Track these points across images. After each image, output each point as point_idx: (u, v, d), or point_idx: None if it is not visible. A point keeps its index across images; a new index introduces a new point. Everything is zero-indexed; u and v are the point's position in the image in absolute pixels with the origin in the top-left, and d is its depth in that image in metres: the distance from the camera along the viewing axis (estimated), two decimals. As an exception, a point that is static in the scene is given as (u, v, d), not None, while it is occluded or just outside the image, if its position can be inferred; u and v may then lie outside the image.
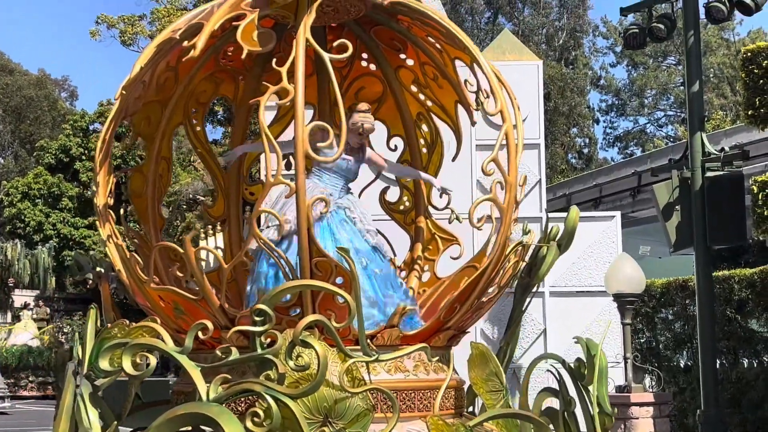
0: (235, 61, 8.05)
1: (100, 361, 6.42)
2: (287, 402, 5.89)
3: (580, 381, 7.04)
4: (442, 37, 7.57)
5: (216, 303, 6.69)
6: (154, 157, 7.81)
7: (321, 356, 5.90)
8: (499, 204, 6.93)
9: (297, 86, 6.47)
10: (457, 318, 7.11)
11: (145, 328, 6.49)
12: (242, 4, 6.93)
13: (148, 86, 7.40)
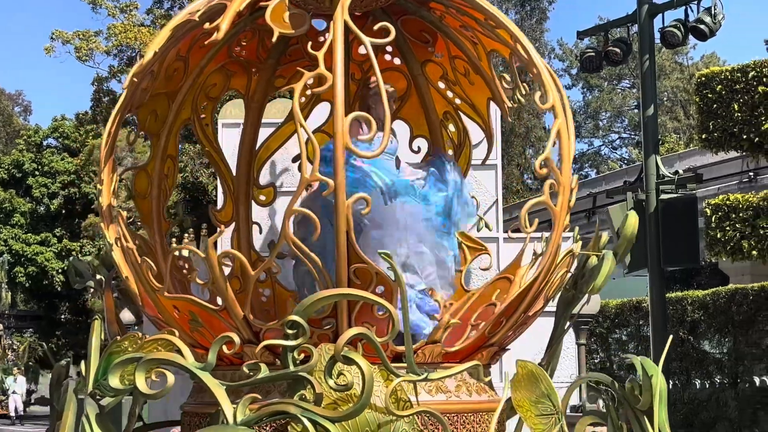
0: (249, 51, 7.42)
1: (110, 378, 5.75)
2: (327, 426, 5.24)
3: (634, 405, 6.38)
4: (479, 27, 6.95)
5: (240, 314, 6.01)
6: (159, 154, 7.12)
7: (366, 375, 5.27)
8: (552, 208, 6.27)
9: (335, 72, 5.84)
10: (502, 333, 6.48)
11: (160, 341, 5.81)
12: (275, -19, 6.30)
13: (156, 77, 6.77)
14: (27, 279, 59.58)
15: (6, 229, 60.47)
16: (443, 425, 5.55)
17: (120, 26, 56.90)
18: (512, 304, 6.40)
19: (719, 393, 20.00)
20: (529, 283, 6.40)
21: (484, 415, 6.32)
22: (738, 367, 19.67)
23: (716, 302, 18.33)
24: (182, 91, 7.11)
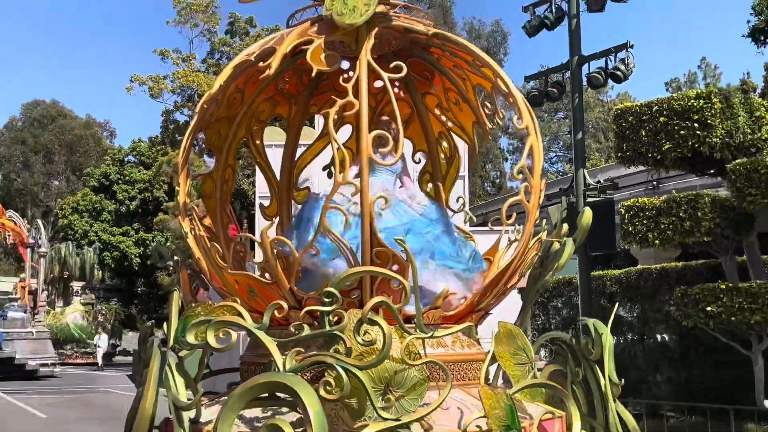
0: (290, 85, 7.31)
1: (187, 335, 5.59)
2: (357, 373, 5.09)
3: (588, 356, 6.23)
4: (467, 66, 6.84)
5: (286, 286, 5.88)
6: (222, 164, 6.99)
7: (387, 333, 5.12)
8: (526, 204, 6.13)
9: (361, 99, 5.73)
10: (487, 301, 6.35)
11: (225, 307, 5.67)
12: (309, 31, 6.17)
13: (219, 104, 6.64)
14: (112, 261, 59.73)
15: (97, 224, 60.68)
16: (444, 371, 5.39)
17: (182, 72, 57.17)
18: (495, 278, 6.27)
19: (630, 347, 19.99)
20: (508, 263, 6.28)
21: (473, 364, 6.19)
22: (644, 328, 19.67)
23: (628, 279, 18.38)
24: (239, 115, 7.00)
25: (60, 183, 74.84)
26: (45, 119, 75.74)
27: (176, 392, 5.55)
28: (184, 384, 5.64)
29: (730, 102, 12.97)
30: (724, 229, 12.42)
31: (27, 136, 74.88)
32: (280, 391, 5.19)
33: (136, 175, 62.14)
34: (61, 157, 75.37)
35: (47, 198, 72.73)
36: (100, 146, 75.08)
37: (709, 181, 15.58)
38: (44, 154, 74.80)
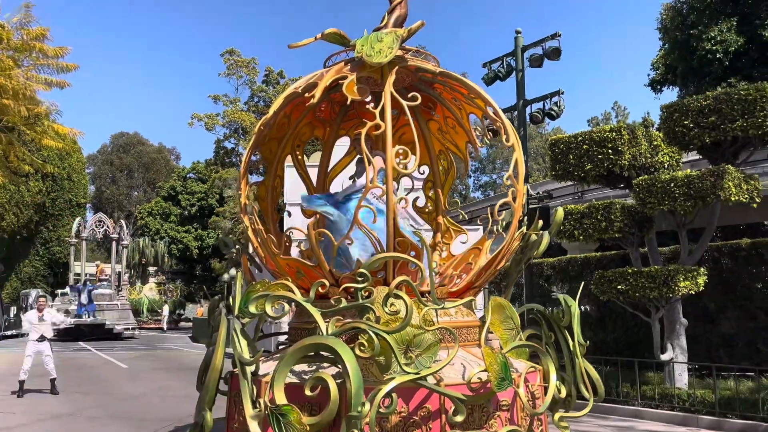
0: (325, 113, 6.97)
1: (249, 306, 5.24)
2: (385, 336, 4.76)
3: (559, 323, 5.89)
4: (463, 98, 6.52)
5: (327, 268, 5.55)
6: (272, 175, 6.63)
7: (409, 305, 4.79)
8: (513, 204, 5.78)
9: (386, 121, 5.40)
10: (482, 281, 5.99)
11: (280, 284, 5.33)
12: (343, 69, 5.86)
13: (271, 127, 6.31)
14: (177, 251, 59.17)
15: (166, 224, 60.19)
16: (453, 335, 5.07)
17: (229, 111, 56.71)
18: (490, 262, 5.92)
19: (560, 317, 19.86)
20: (498, 251, 5.92)
21: (471, 329, 5.84)
22: (571, 301, 19.46)
23: (560, 265, 17.97)
24: (286, 137, 6.66)
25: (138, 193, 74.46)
26: (128, 146, 75.42)
27: (241, 351, 5.22)
28: (246, 345, 5.31)
29: (635, 134, 13.09)
30: (630, 228, 12.42)
31: (114, 158, 74.63)
32: (323, 351, 4.87)
33: (195, 188, 61.61)
34: (140, 174, 75.03)
35: (129, 205, 72.32)
36: (169, 166, 74.61)
37: (620, 193, 15.36)
38: (127, 172, 74.41)
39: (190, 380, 14.99)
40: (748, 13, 24.08)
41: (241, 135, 57.78)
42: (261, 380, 5.30)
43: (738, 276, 14.89)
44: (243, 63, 57.71)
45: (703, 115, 11.92)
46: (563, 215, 5.91)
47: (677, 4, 25.14)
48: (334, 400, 4.68)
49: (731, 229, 21.29)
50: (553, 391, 5.43)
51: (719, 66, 24.91)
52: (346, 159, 7.37)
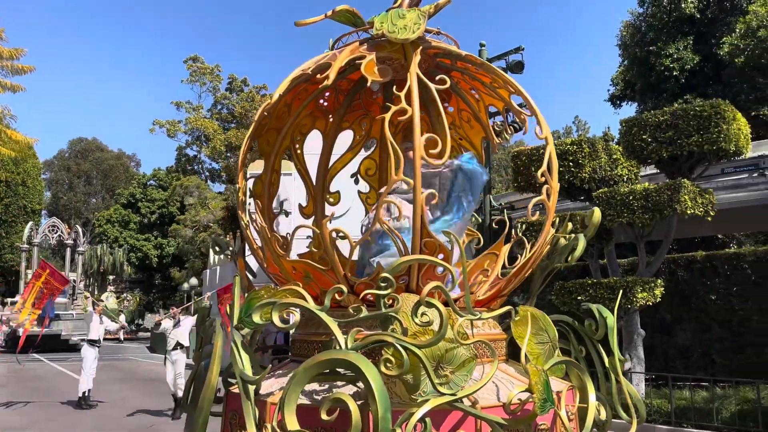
0: (329, 103, 6.26)
1: (253, 315, 4.50)
2: (416, 351, 4.06)
3: (592, 336, 5.27)
4: (483, 88, 5.87)
5: (341, 272, 4.83)
6: (270, 169, 5.90)
7: (444, 315, 4.11)
8: (547, 203, 5.16)
9: (413, 105, 4.70)
10: (510, 288, 5.33)
11: (288, 290, 4.60)
12: (360, 48, 5.16)
13: (270, 116, 5.59)
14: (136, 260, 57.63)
15: (125, 232, 58.79)
16: (491, 350, 4.43)
17: (192, 118, 55.91)
18: (520, 268, 5.28)
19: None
20: (529, 256, 5.28)
21: (499, 342, 5.18)
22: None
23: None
24: (286, 127, 5.92)
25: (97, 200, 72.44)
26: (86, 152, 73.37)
27: (242, 367, 4.48)
28: (249, 360, 4.56)
29: (595, 148, 13.39)
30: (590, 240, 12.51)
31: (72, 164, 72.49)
32: (342, 368, 4.17)
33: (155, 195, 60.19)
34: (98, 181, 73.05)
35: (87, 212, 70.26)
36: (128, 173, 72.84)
37: (580, 205, 15.24)
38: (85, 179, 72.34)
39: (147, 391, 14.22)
40: (704, 32, 24.68)
41: (203, 142, 56.63)
42: (266, 401, 4.56)
43: (693, 288, 15.21)
44: (206, 70, 56.80)
45: (660, 130, 12.21)
46: (600, 216, 5.26)
47: (636, 21, 25.63)
48: (356, 426, 3.98)
49: (687, 241, 21.48)
50: (593, 413, 4.79)
51: (676, 83, 25.29)
52: (349, 155, 6.68)
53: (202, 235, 51.79)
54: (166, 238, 58.32)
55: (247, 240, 5.47)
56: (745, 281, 14.91)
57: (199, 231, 53.27)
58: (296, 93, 5.75)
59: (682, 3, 25.18)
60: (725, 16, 24.83)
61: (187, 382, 5.61)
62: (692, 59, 24.73)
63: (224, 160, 54.62)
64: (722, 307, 14.99)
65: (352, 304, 4.63)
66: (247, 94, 54.14)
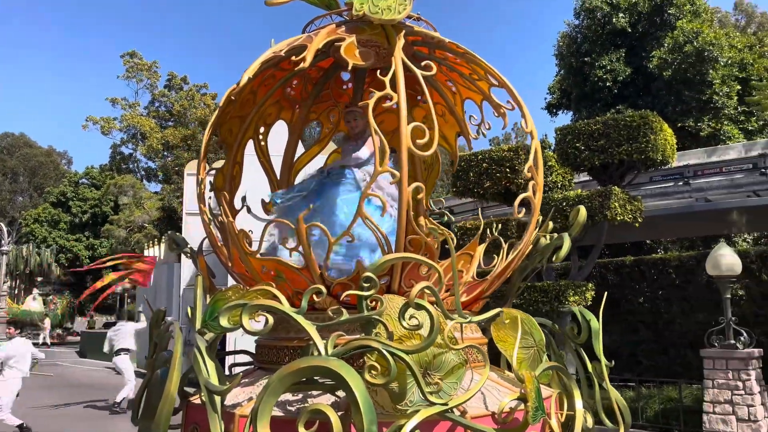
0: (296, 92, 5.85)
1: (220, 319, 4.07)
2: (404, 357, 3.71)
3: (574, 339, 5.03)
4: (461, 79, 5.56)
5: (317, 271, 4.41)
6: (231, 161, 5.47)
7: (435, 318, 3.77)
8: (533, 199, 4.89)
9: (399, 91, 4.41)
10: (492, 289, 5.03)
11: (260, 291, 4.17)
12: (338, 30, 4.78)
13: (235, 103, 5.16)
14: (66, 261, 55.42)
15: (55, 232, 56.37)
16: (484, 356, 4.13)
17: (128, 115, 54.31)
18: (503, 270, 4.98)
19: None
20: (514, 256, 4.99)
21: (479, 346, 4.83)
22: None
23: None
24: (250, 116, 5.49)
25: (24, 199, 69.33)
26: (13, 148, 70.08)
27: (207, 376, 4.04)
28: (214, 368, 4.12)
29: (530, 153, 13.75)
30: None
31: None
32: (322, 376, 3.78)
33: (88, 194, 58.04)
34: (26, 179, 69.90)
35: (13, 210, 67.15)
36: (59, 170, 69.88)
37: None
38: (11, 176, 69.13)
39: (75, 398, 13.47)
40: (635, 45, 25.66)
41: (139, 140, 54.95)
42: (234, 413, 4.13)
43: (622, 291, 15.71)
44: (144, 66, 55.16)
45: (593, 138, 12.62)
46: (586, 215, 5.02)
47: (573, 33, 26.34)
48: (338, 440, 3.60)
49: (617, 246, 21.95)
50: (581, 421, 4.53)
51: (609, 93, 25.99)
52: (316, 148, 6.28)
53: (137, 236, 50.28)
54: (98, 238, 56.32)
55: (209, 237, 5.01)
56: (670, 285, 15.44)
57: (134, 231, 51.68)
58: (263, 79, 5.34)
59: (614, 17, 25.84)
60: (655, 31, 25.61)
61: (138, 392, 5.12)
62: (624, 71, 25.47)
63: (161, 159, 53.08)
64: (648, 309, 15.54)
65: (328, 306, 4.26)
66: (186, 93, 52.79)
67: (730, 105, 23.27)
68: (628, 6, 25.51)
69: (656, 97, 24.44)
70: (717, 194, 16.57)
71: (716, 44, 22.66)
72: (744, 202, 15.28)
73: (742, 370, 7.99)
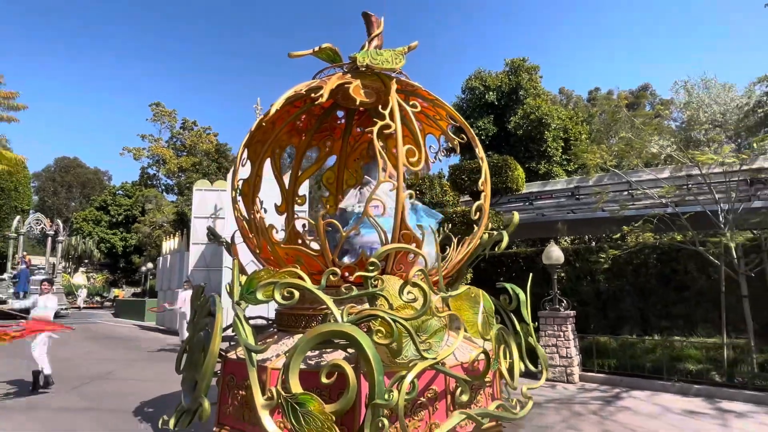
0: (304, 124, 5.26)
1: (257, 293, 3.47)
2: (402, 322, 3.22)
3: (506, 308, 4.63)
4: (424, 118, 5.12)
5: (330, 257, 3.84)
6: (254, 174, 4.81)
7: (427, 293, 3.29)
8: (485, 206, 4.46)
9: (396, 121, 3.87)
10: (454, 271, 4.56)
11: (288, 272, 3.58)
12: (345, 76, 4.22)
13: (261, 129, 4.54)
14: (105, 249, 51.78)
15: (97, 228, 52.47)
16: (459, 321, 3.65)
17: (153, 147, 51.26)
18: (464, 257, 4.52)
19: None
20: (474, 246, 4.55)
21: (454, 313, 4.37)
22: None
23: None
24: (269, 140, 4.87)
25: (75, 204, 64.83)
26: (69, 167, 65.50)
27: (246, 338, 3.42)
28: (251, 331, 3.51)
29: (432, 182, 15.37)
30: None
31: (56, 176, 64.61)
32: (339, 338, 3.24)
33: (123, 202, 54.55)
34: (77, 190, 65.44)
35: (67, 212, 62.64)
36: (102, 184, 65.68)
37: None
38: (67, 188, 64.54)
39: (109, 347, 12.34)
40: (500, 113, 27.00)
41: (161, 164, 52.15)
42: (267, 367, 3.53)
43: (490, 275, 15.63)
44: (166, 113, 52.52)
45: (473, 173, 13.31)
46: (519, 219, 4.65)
47: (460, 103, 27.23)
48: (353, 387, 3.07)
49: None
50: (519, 367, 4.14)
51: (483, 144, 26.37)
52: (314, 167, 5.68)
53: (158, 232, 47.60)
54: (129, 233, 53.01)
55: (241, 230, 4.37)
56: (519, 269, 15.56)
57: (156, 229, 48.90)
58: (280, 114, 4.74)
59: (487, 94, 27.07)
60: (513, 104, 26.75)
61: (180, 349, 4.41)
62: (493, 129, 26.50)
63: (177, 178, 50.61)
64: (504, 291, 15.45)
65: (335, 284, 3.72)
66: (196, 132, 50.57)
67: (558, 154, 24.47)
68: (495, 87, 26.47)
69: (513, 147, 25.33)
70: (549, 211, 17.17)
71: (549, 115, 24.01)
72: (565, 217, 15.94)
73: (562, 324, 8.11)
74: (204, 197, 16.19)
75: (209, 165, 51.96)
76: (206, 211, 15.88)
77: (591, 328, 10.24)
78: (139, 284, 49.82)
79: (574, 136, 25.71)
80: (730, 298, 8.02)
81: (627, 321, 10.18)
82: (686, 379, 7.21)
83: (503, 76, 26.53)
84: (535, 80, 26.87)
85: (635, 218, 9.01)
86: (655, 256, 9.98)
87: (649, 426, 5.32)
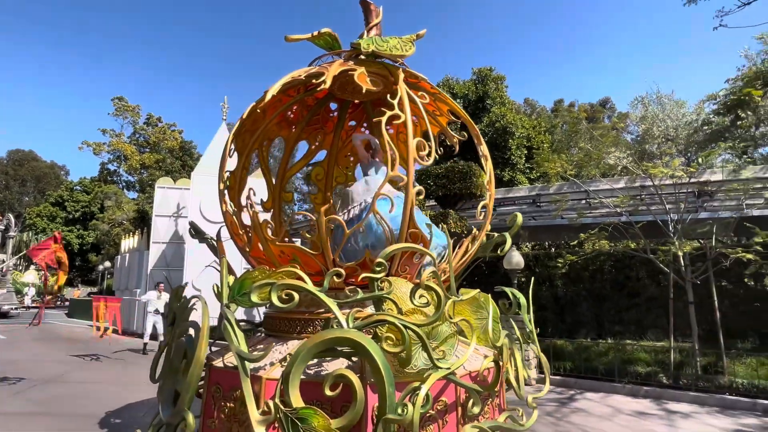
0: (294, 115, 4.88)
1: (252, 295, 3.08)
2: (416, 330, 2.91)
3: (506, 312, 4.40)
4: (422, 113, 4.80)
5: (331, 257, 3.49)
6: (240, 167, 4.43)
7: (442, 297, 2.99)
8: (489, 205, 4.22)
9: (405, 112, 3.55)
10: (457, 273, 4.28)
11: (286, 272, 3.21)
12: (349, 63, 3.89)
13: (251, 117, 4.15)
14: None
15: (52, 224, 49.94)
16: (470, 326, 3.37)
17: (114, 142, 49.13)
18: (467, 258, 4.25)
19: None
20: (474, 247, 4.29)
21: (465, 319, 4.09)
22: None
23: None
24: (258, 131, 4.48)
25: (29, 199, 61.42)
26: (23, 160, 62.03)
27: (238, 345, 3.04)
28: (243, 338, 3.13)
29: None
30: None
31: (9, 170, 61.04)
32: (345, 345, 2.91)
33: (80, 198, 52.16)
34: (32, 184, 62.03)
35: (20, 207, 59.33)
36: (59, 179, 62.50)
37: None
38: (20, 182, 61.11)
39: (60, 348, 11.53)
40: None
41: (122, 160, 50.07)
42: (261, 377, 3.15)
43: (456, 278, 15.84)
44: (129, 108, 50.46)
45: (439, 178, 13.46)
46: (522, 219, 4.42)
47: None
48: (360, 400, 2.74)
49: None
50: (524, 373, 3.90)
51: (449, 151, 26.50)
52: (302, 161, 5.32)
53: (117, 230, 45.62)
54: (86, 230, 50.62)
55: (228, 226, 3.96)
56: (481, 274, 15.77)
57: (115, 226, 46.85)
58: (272, 102, 4.37)
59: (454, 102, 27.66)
60: (479, 112, 27.10)
61: (156, 356, 3.97)
62: None
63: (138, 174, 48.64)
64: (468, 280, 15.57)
65: (335, 286, 3.38)
66: (160, 129, 48.77)
67: (521, 162, 24.90)
68: (462, 95, 26.79)
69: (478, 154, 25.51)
70: (511, 217, 17.45)
71: (514, 124, 24.51)
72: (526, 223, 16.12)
73: (521, 329, 8.25)
74: (166, 195, 15.40)
75: (173, 162, 50.28)
76: (168, 210, 15.09)
77: (549, 332, 10.23)
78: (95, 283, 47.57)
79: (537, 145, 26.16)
80: (678, 304, 8.21)
81: (584, 325, 10.26)
82: (636, 381, 7.35)
83: (470, 84, 26.73)
84: (501, 89, 27.27)
85: (592, 226, 9.14)
86: (611, 263, 10.10)
87: (602, 427, 5.29)
